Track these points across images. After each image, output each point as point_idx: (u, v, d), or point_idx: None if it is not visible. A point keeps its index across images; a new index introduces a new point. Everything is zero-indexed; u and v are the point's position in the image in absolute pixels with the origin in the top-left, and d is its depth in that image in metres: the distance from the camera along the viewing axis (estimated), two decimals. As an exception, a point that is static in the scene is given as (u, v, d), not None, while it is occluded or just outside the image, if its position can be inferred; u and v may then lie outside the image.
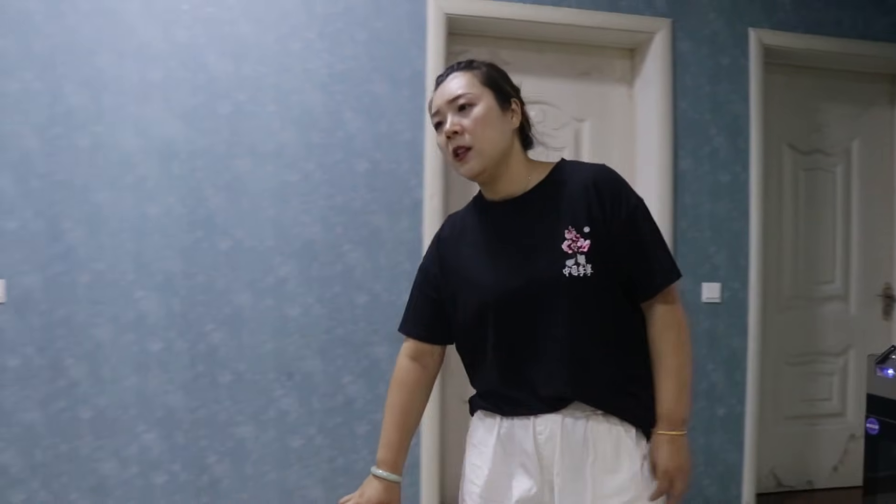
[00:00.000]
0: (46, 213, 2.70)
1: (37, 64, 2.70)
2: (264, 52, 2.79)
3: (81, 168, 2.71)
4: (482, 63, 1.43)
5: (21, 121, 2.69)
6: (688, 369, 1.38)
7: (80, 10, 2.73)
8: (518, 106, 1.41)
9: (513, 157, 1.40)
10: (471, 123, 1.35)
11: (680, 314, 1.38)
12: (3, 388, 2.70)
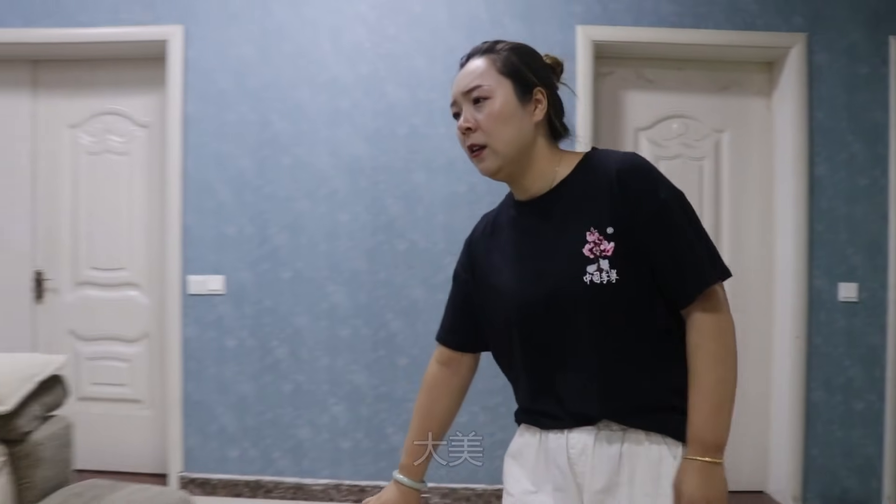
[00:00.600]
0: (257, 221, 3.63)
1: (250, 98, 3.63)
2: (435, 82, 3.59)
3: (285, 183, 3.61)
4: (504, 46, 1.38)
5: (238, 145, 3.63)
6: (727, 387, 1.27)
7: (284, 52, 3.63)
8: (543, 95, 1.36)
9: (536, 153, 1.36)
10: (485, 119, 1.33)
11: (722, 322, 1.28)
12: (224, 365, 3.65)
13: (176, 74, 3.64)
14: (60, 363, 1.94)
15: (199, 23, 3.66)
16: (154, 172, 3.84)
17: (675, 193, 1.30)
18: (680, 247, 1.28)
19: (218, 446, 3.66)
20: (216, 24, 3.65)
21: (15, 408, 1.67)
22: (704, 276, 1.28)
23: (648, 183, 1.29)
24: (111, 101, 3.91)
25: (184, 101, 3.64)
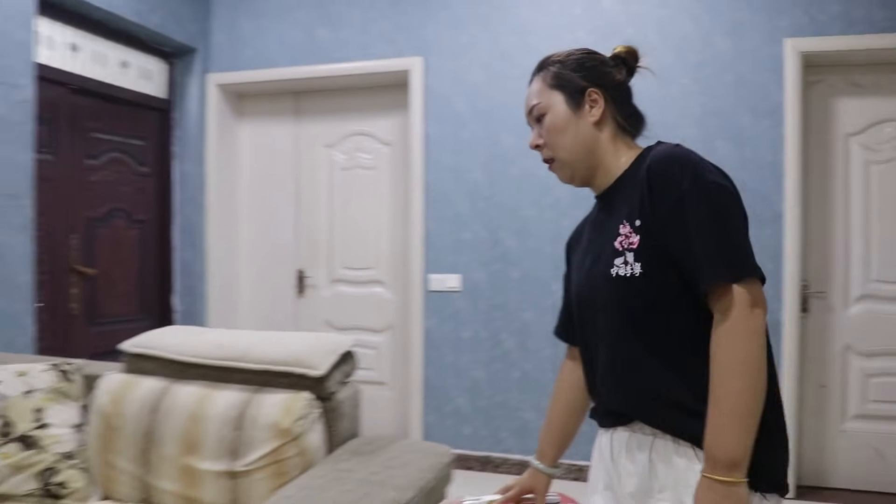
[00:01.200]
0: (489, 226, 4.59)
1: (481, 118, 4.60)
2: (649, 98, 4.37)
3: (513, 192, 4.55)
4: (552, 59, 1.57)
5: (471, 159, 4.62)
6: (739, 399, 1.25)
7: (511, 76, 4.57)
8: (599, 94, 1.51)
9: (601, 151, 1.52)
10: (546, 135, 1.54)
11: (735, 327, 1.27)
12: (459, 353, 4.65)
13: (417, 99, 4.68)
14: (352, 342, 2.88)
15: (435, 54, 4.68)
16: (398, 185, 4.92)
17: (703, 184, 1.32)
18: (692, 239, 1.31)
19: (453, 424, 4.65)
20: (450, 55, 4.66)
21: (326, 373, 2.50)
22: (719, 269, 1.29)
23: (673, 174, 1.34)
24: (360, 123, 5.03)
25: (424, 122, 4.67)
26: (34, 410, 2.60)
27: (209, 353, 2.59)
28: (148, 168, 4.87)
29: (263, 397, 2.43)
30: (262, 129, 5.25)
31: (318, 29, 4.87)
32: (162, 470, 2.46)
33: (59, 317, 4.15)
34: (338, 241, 5.03)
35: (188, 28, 4.93)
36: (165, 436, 2.46)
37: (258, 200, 5.23)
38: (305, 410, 2.38)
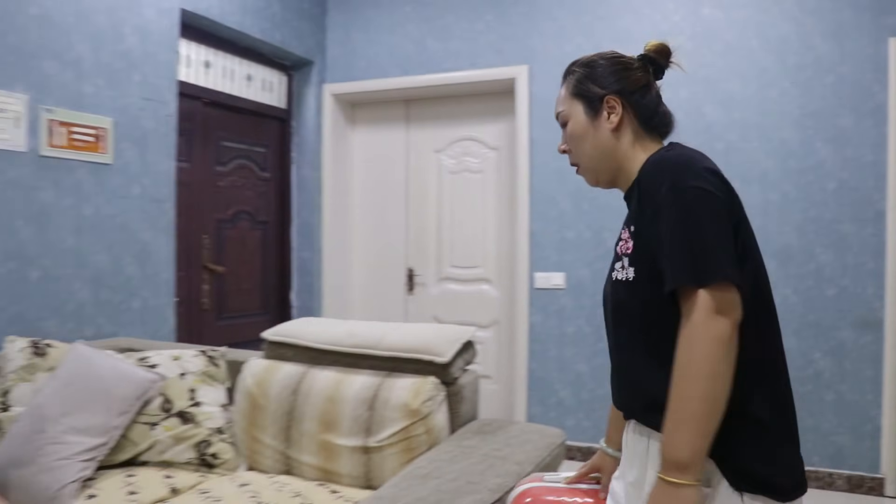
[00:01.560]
0: (593, 226, 4.77)
1: (585, 122, 4.80)
2: (748, 101, 4.50)
3: (616, 192, 4.70)
4: (577, 67, 1.63)
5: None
6: (687, 404, 1.27)
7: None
8: (617, 101, 1.56)
9: (621, 155, 1.56)
10: (570, 142, 1.63)
11: (693, 332, 1.27)
12: (563, 347, 4.84)
13: (523, 106, 4.89)
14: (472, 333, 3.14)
15: (540, 62, 4.89)
16: (503, 187, 5.14)
17: (679, 189, 1.34)
18: (663, 242, 1.34)
19: (556, 416, 4.85)
20: (554, 63, 4.86)
21: (450, 360, 2.78)
22: (677, 274, 1.31)
23: (654, 181, 1.38)
24: (468, 129, 5.28)
25: (529, 127, 4.89)
26: (189, 390, 2.93)
27: (343, 341, 2.87)
28: (269, 173, 5.23)
29: (393, 381, 2.69)
30: (373, 135, 5.56)
31: (427, 40, 5.14)
32: (302, 445, 2.74)
33: (192, 310, 4.53)
34: (446, 240, 5.28)
35: (306, 42, 5.27)
36: (305, 415, 2.74)
37: (370, 203, 5.54)
38: (432, 393, 2.63)
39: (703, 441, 1.27)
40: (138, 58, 3.92)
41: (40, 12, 3.41)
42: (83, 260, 3.62)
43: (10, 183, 3.29)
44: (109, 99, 3.75)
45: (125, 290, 3.84)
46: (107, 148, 3.72)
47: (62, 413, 2.61)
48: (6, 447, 2.52)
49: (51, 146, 3.45)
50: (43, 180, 3.43)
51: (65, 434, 2.57)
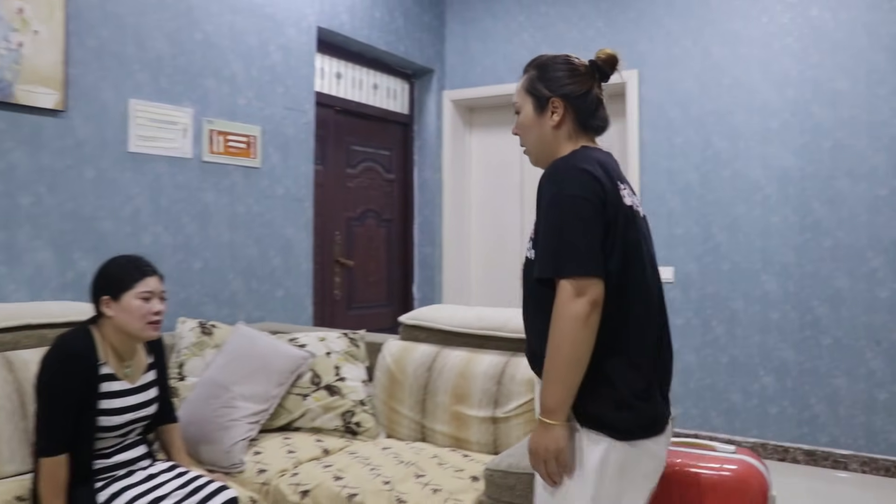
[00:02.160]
0: (701, 223, 4.96)
1: (694, 124, 4.98)
2: (856, 99, 4.60)
3: (725, 191, 4.90)
4: (533, 67, 1.91)
5: (684, 162, 5.02)
6: (552, 364, 1.64)
7: (722, 84, 4.92)
8: (560, 103, 1.84)
9: (558, 147, 1.85)
10: (520, 129, 1.93)
11: (559, 311, 1.63)
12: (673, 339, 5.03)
13: (633, 109, 5.13)
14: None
15: (650, 67, 5.11)
16: (613, 186, 5.38)
17: (557, 197, 1.67)
18: (541, 237, 1.72)
19: (665, 405, 5.06)
20: (664, 67, 5.07)
21: None
22: (543, 266, 1.70)
23: (543, 185, 1.73)
24: (578, 130, 5.55)
25: (640, 129, 5.12)
26: (334, 367, 3.32)
27: (472, 324, 3.21)
28: (394, 174, 5.63)
29: (519, 360, 3.00)
30: (490, 138, 5.89)
31: (541, 48, 5.43)
32: (436, 415, 3.09)
33: (326, 300, 4.96)
34: (558, 237, 5.55)
35: (427, 52, 5.65)
36: (439, 388, 3.09)
37: (487, 201, 5.88)
38: (552, 370, 2.92)
39: (568, 392, 1.66)
40: (282, 72, 4.36)
41: (203, 37, 3.88)
42: (236, 253, 4.08)
43: (178, 186, 3.76)
44: (258, 109, 4.20)
45: (270, 280, 4.29)
46: (256, 153, 4.17)
47: (231, 382, 3.03)
48: (187, 410, 2.96)
49: (211, 153, 3.91)
50: (205, 182, 3.89)
51: (234, 400, 2.99)
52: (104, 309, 2.36)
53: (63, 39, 3.25)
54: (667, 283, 4.95)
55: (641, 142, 5.06)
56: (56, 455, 2.21)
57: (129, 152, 3.55)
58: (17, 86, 3.10)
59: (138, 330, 2.37)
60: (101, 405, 2.33)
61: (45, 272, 3.24)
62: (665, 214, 5.00)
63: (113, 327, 2.38)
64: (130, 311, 2.34)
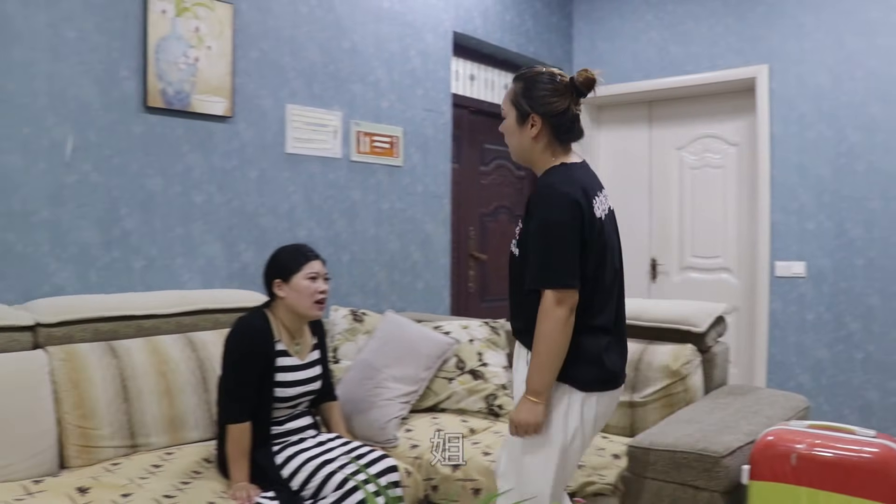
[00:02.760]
0: (834, 218, 4.89)
1: (826, 118, 4.90)
2: None
3: (859, 186, 4.80)
4: (520, 79, 2.20)
5: (816, 156, 4.94)
6: (542, 355, 2.05)
7: (856, 77, 4.84)
8: (538, 119, 2.13)
9: (536, 154, 2.20)
10: (504, 133, 2.26)
11: (547, 314, 2.04)
12: (803, 334, 5.00)
13: (763, 103, 5.11)
14: (724, 308, 3.48)
15: (780, 60, 5.07)
16: (743, 181, 5.38)
17: (545, 220, 2.07)
18: (531, 253, 2.11)
19: (797, 400, 5.03)
20: (795, 61, 5.03)
21: (705, 330, 3.21)
22: (532, 278, 2.09)
23: (536, 205, 2.11)
24: (708, 126, 5.56)
25: (770, 123, 5.11)
26: (477, 353, 3.51)
27: (608, 313, 3.33)
28: (524, 171, 5.79)
29: (655, 347, 3.12)
30: (618, 134, 5.98)
31: (670, 46, 5.48)
32: (574, 399, 3.23)
33: (461, 292, 5.17)
34: (687, 232, 5.60)
35: (555, 53, 5.79)
36: (577, 374, 3.22)
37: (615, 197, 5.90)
38: (690, 357, 3.04)
39: (551, 376, 2.09)
40: (421, 75, 4.59)
41: (350, 45, 4.15)
42: (380, 247, 4.33)
43: (330, 184, 4.04)
44: (399, 111, 4.45)
45: (412, 272, 4.53)
46: (398, 153, 4.41)
47: (383, 365, 3.27)
48: (343, 389, 3.21)
49: (358, 153, 4.18)
50: (352, 181, 4.17)
51: (386, 381, 3.23)
52: (277, 291, 2.63)
53: (231, 53, 3.56)
54: (798, 278, 4.94)
55: (772, 137, 5.05)
56: (242, 422, 2.49)
57: (287, 153, 3.85)
58: (193, 96, 3.43)
59: (307, 308, 2.64)
60: (277, 378, 2.59)
61: (216, 263, 3.57)
62: (796, 210, 4.98)
63: (284, 308, 2.65)
64: (300, 291, 2.62)
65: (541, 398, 2.08)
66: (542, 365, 2.07)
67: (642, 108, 5.82)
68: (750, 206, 5.28)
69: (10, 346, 2.62)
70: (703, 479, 2.34)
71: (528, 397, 2.10)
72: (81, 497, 2.33)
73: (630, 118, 5.89)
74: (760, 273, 5.08)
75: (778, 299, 5.04)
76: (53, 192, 3.03)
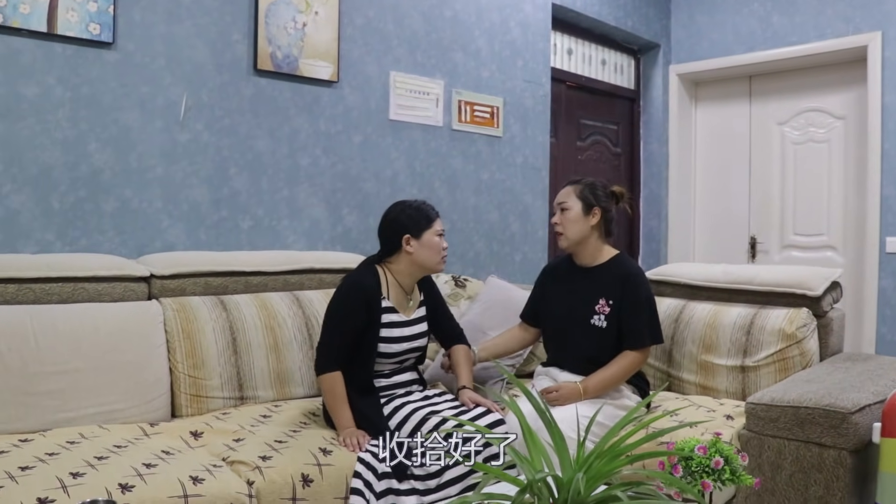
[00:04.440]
0: (951, 191, 4.57)
1: None
2: None
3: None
4: (583, 184, 2.73)
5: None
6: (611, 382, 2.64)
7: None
8: (599, 212, 2.68)
9: (591, 243, 2.73)
10: (565, 220, 2.70)
11: (639, 361, 2.68)
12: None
13: (875, 72, 4.77)
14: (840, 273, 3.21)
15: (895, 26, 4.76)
16: (850, 155, 5.05)
17: (649, 291, 2.75)
18: (643, 316, 2.71)
19: None
20: (911, 28, 4.70)
21: (821, 294, 3.00)
22: (643, 337, 2.71)
23: (638, 282, 2.72)
24: (812, 100, 5.24)
25: (882, 93, 4.78)
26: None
27: (718, 278, 3.15)
28: (620, 148, 5.59)
29: (768, 311, 2.92)
30: (716, 110, 5.71)
31: (773, 16, 5.19)
32: (683, 365, 3.06)
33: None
34: (789, 209, 5.31)
35: (653, 27, 5.56)
36: (686, 339, 3.06)
37: (712, 174, 5.70)
38: (806, 321, 2.83)
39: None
40: (521, 47, 4.45)
41: (452, 14, 4.04)
42: (480, 217, 4.22)
43: (431, 152, 3.95)
44: (500, 82, 4.32)
45: (510, 243, 4.40)
46: (498, 123, 4.29)
47: (489, 328, 3.15)
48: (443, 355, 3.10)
49: (459, 122, 4.07)
50: (454, 150, 4.06)
51: (491, 343, 3.10)
52: (406, 246, 2.54)
53: (337, 19, 3.50)
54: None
55: (884, 106, 4.72)
56: (331, 371, 2.43)
57: (390, 120, 3.76)
58: (301, 60, 3.37)
59: (436, 263, 2.60)
60: (382, 334, 2.50)
61: (320, 226, 3.52)
62: (911, 183, 4.65)
63: (409, 262, 2.57)
64: (431, 247, 2.54)
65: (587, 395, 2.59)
66: (606, 386, 2.64)
67: (742, 83, 5.54)
68: (857, 181, 4.96)
69: (126, 296, 2.62)
70: (829, 436, 2.16)
71: (582, 390, 2.59)
72: (195, 440, 2.30)
73: (729, 94, 5.61)
74: (869, 250, 4.77)
75: (888, 276, 4.73)
76: (168, 150, 3.02)
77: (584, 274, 2.75)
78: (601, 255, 2.75)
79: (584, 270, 2.76)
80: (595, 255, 2.75)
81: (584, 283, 2.73)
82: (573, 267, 2.81)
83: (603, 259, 2.74)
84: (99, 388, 2.38)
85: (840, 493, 2.16)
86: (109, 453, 2.06)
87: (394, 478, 2.27)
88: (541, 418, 1.54)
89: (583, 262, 2.77)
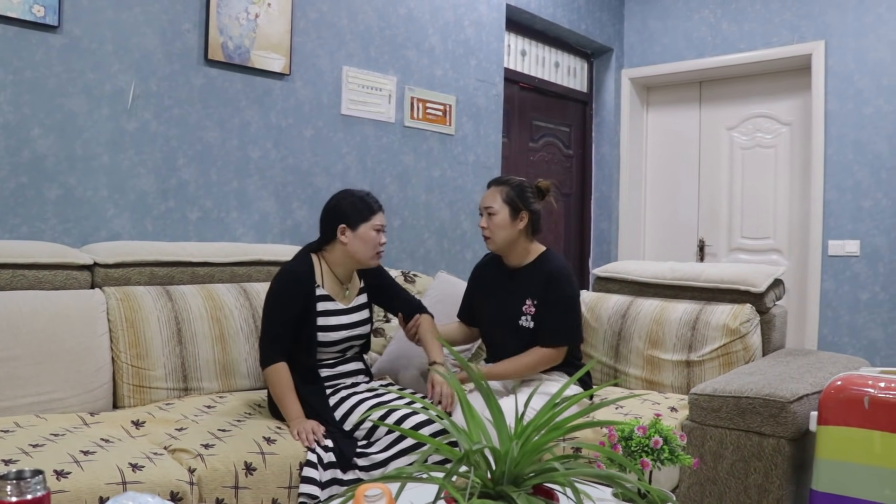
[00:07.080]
0: (891, 195, 4.68)
1: (885, 93, 4.71)
2: None
3: (917, 163, 4.63)
4: (510, 185, 2.71)
5: (874, 133, 4.73)
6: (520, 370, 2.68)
7: (918, 53, 4.66)
8: (526, 215, 2.69)
9: (518, 244, 2.73)
10: (492, 227, 2.69)
11: (551, 357, 2.67)
12: (857, 314, 4.79)
13: (819, 80, 4.90)
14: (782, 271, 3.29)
15: (837, 36, 4.86)
16: (795, 160, 5.17)
17: (572, 292, 2.73)
18: (560, 316, 2.69)
19: (848, 382, 4.82)
20: (853, 36, 4.82)
21: (764, 290, 3.05)
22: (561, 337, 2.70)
23: (560, 281, 2.69)
24: (760, 106, 5.36)
25: (825, 101, 4.91)
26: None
27: (665, 275, 3.20)
28: (572, 150, 5.65)
29: (713, 307, 2.98)
30: (666, 115, 5.80)
31: (722, 23, 5.30)
32: (630, 360, 3.10)
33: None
34: (736, 213, 5.42)
35: (606, 31, 5.63)
36: (633, 335, 3.10)
37: (663, 178, 5.79)
38: (749, 316, 2.89)
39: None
40: (474, 46, 4.48)
41: (406, 11, 4.05)
42: (431, 214, 4.23)
43: (383, 148, 3.94)
44: (453, 80, 4.34)
45: (461, 241, 4.42)
46: (450, 121, 4.30)
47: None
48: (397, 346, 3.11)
49: (412, 118, 4.08)
50: (405, 146, 4.06)
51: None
52: (340, 236, 2.51)
53: (290, 11, 3.48)
54: (852, 257, 4.75)
55: (827, 114, 4.85)
56: (275, 363, 2.41)
57: (342, 114, 3.76)
58: (253, 51, 3.35)
59: (368, 258, 2.53)
60: (319, 322, 2.49)
61: (270, 219, 3.49)
62: (850, 187, 4.77)
63: (342, 253, 2.54)
64: (366, 240, 2.51)
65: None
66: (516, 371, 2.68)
67: (693, 89, 5.65)
68: (802, 186, 5.09)
69: (68, 284, 2.57)
70: (769, 424, 2.21)
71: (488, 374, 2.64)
72: (136, 430, 2.26)
73: (680, 99, 5.72)
74: (812, 253, 4.89)
75: (830, 279, 4.85)
76: (114, 139, 2.97)
77: (512, 275, 2.77)
78: (529, 255, 2.77)
79: (512, 271, 2.77)
80: (523, 255, 2.76)
81: (512, 284, 2.74)
82: (502, 267, 2.82)
83: (530, 258, 2.76)
84: (38, 376, 2.33)
85: (778, 480, 2.21)
86: (45, 441, 2.02)
87: (338, 468, 2.26)
88: (480, 393, 1.55)
89: (511, 263, 2.78)
